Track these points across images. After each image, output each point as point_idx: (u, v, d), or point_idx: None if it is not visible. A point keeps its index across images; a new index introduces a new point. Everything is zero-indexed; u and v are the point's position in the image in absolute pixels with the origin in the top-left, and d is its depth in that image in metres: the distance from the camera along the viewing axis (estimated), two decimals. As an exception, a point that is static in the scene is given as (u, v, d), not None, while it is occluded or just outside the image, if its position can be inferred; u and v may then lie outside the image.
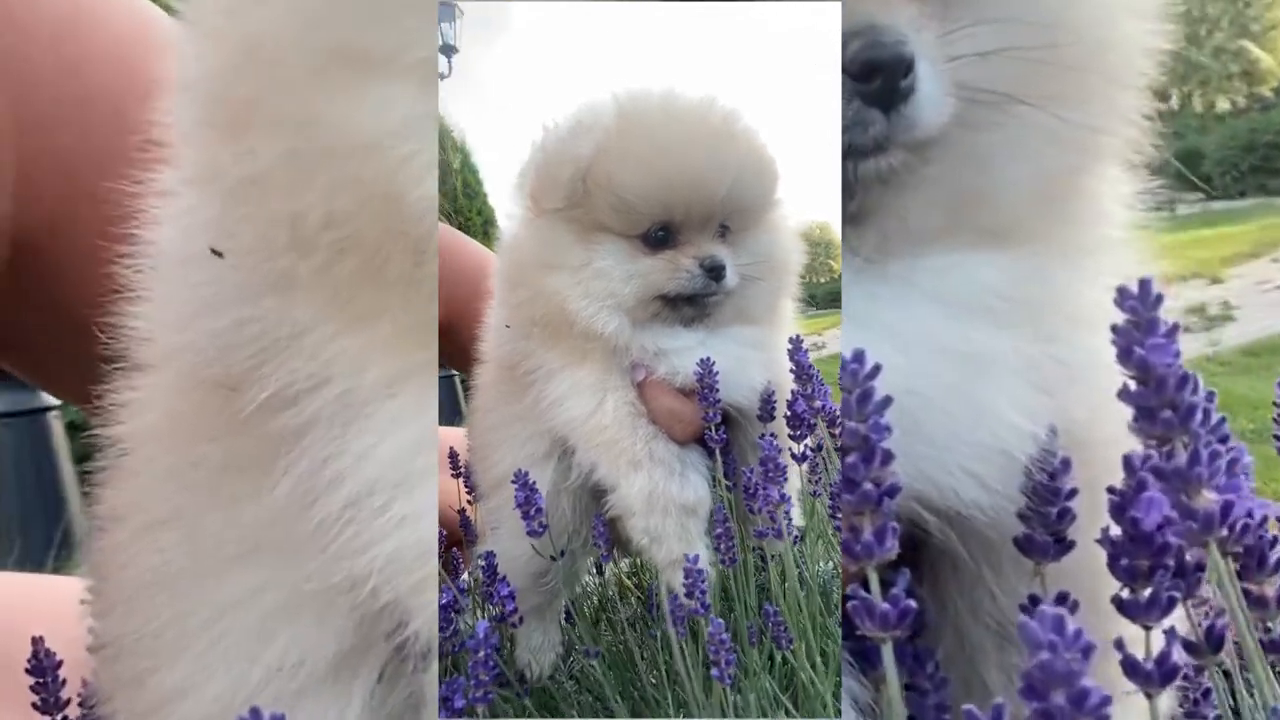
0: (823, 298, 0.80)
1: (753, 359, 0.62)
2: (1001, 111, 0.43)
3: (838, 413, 0.63)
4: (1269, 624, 0.39)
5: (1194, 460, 0.33)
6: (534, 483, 0.58)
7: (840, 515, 0.56)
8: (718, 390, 0.58)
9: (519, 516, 0.58)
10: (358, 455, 0.40)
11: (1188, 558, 0.37)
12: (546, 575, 0.64)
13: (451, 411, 1.12)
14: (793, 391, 0.58)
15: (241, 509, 0.43)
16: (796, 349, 0.57)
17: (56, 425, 3.96)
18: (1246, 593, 0.39)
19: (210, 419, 0.44)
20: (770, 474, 0.50)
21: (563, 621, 0.67)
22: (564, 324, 0.61)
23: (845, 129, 0.41)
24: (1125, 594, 0.36)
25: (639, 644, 0.63)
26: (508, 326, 0.64)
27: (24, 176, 0.66)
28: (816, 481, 0.62)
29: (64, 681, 0.49)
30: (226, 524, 0.43)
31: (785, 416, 0.59)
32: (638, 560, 0.73)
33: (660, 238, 0.62)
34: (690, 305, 0.62)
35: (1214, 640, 0.39)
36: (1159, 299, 0.33)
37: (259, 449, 0.42)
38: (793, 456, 0.58)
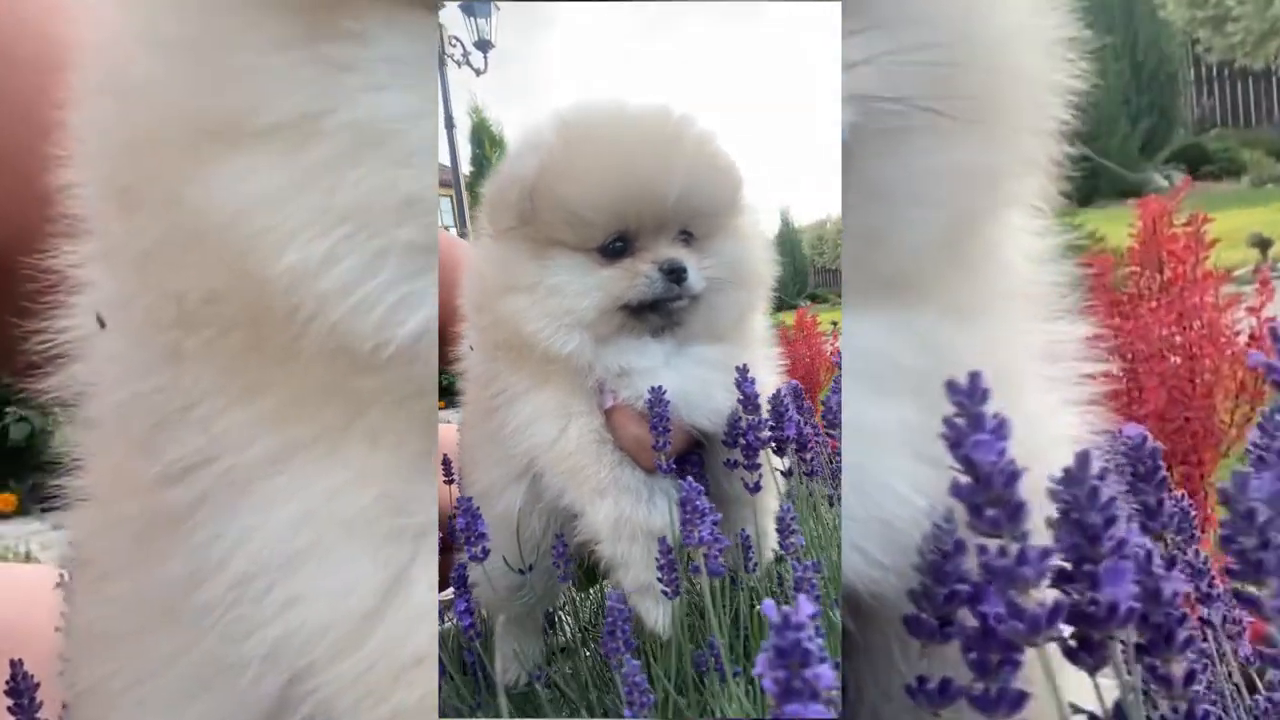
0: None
1: (717, 381, 0.59)
2: (904, 144, 0.40)
3: (809, 436, 0.61)
4: (1175, 704, 0.36)
5: (1021, 560, 0.30)
6: (477, 509, 0.58)
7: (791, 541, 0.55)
8: (668, 420, 0.56)
9: (463, 541, 0.59)
10: (240, 535, 0.40)
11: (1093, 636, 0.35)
12: (522, 589, 0.65)
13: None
14: (746, 421, 0.56)
15: (162, 569, 0.44)
16: (743, 379, 0.55)
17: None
18: (1152, 668, 0.36)
19: (134, 477, 0.46)
20: (688, 517, 0.49)
21: (545, 631, 0.68)
22: (524, 346, 0.60)
23: None
24: (977, 688, 0.33)
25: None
26: (470, 349, 0.65)
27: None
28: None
29: (40, 704, 0.52)
30: (150, 583, 0.45)
31: (739, 446, 0.57)
32: None
33: (618, 248, 0.60)
34: (655, 313, 0.60)
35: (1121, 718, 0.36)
36: (985, 393, 0.30)
37: (168, 513, 0.43)
38: (745, 486, 0.57)
